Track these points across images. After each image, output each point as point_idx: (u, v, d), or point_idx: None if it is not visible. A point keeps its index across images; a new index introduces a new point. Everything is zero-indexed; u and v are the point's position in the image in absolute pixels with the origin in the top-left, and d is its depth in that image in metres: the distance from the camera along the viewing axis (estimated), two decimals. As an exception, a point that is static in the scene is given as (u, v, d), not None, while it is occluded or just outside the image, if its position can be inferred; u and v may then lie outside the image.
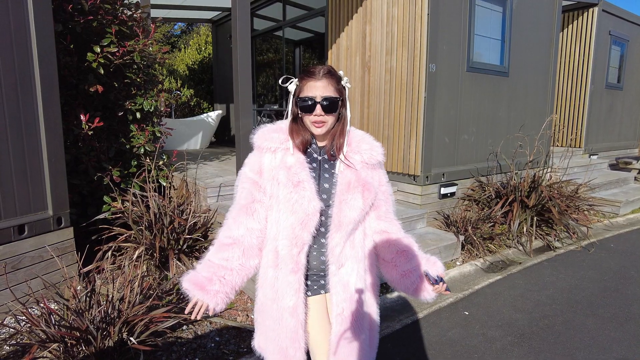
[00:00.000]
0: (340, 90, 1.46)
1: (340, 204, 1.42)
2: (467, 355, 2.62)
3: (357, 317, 1.47)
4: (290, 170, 1.42)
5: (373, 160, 1.49)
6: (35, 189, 3.03)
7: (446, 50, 4.71)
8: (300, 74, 1.48)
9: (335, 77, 1.45)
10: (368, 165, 1.48)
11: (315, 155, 1.51)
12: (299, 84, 1.46)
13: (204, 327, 2.82)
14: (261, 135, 1.49)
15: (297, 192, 1.39)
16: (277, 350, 1.46)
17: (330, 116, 1.43)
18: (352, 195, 1.42)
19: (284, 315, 1.44)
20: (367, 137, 1.54)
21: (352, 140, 1.50)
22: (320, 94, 1.40)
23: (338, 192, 1.44)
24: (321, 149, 1.52)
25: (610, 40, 8.19)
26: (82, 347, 2.24)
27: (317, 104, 1.40)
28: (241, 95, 3.34)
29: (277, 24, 7.59)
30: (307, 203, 1.39)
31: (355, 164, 1.47)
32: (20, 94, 2.90)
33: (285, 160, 1.44)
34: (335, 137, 1.48)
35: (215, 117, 7.91)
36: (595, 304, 3.31)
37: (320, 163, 1.51)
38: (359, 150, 1.48)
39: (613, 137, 9.00)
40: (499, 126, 5.65)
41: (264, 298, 1.51)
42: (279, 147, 1.46)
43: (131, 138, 4.07)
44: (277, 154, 1.46)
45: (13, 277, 2.85)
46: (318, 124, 1.43)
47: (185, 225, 3.48)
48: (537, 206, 4.68)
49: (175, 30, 18.06)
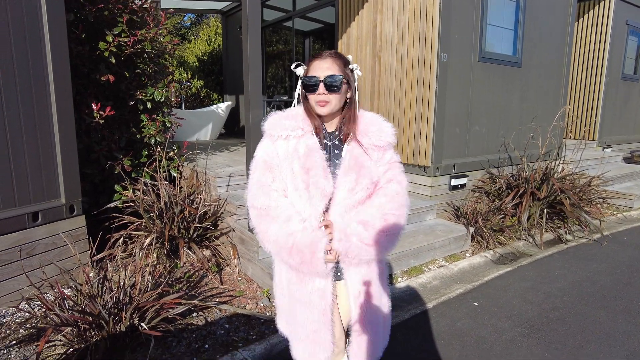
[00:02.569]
0: (347, 72, 1.45)
1: (338, 187, 1.44)
2: (476, 345, 2.61)
3: (373, 300, 1.49)
4: (302, 158, 1.43)
5: (381, 142, 1.48)
6: (48, 178, 3.07)
7: (458, 40, 4.64)
8: (308, 59, 1.51)
9: (341, 59, 1.45)
10: (377, 147, 1.48)
11: (326, 142, 1.52)
12: (306, 67, 1.48)
13: (214, 315, 2.85)
14: (273, 122, 1.49)
15: (310, 177, 1.40)
16: (307, 334, 1.49)
17: (333, 95, 1.42)
18: (348, 177, 1.43)
19: (312, 298, 1.46)
20: (376, 119, 1.53)
21: (361, 123, 1.50)
22: (324, 73, 1.40)
23: (339, 176, 1.45)
24: (331, 134, 1.53)
25: (627, 31, 7.99)
26: (95, 332, 2.28)
27: (320, 83, 1.40)
28: (251, 86, 3.33)
29: (287, 15, 7.54)
30: (321, 188, 1.40)
31: (363, 147, 1.47)
32: (33, 83, 2.93)
33: (298, 148, 1.44)
34: (345, 123, 1.48)
35: (225, 108, 7.92)
36: (607, 297, 3.27)
37: (331, 149, 1.51)
38: (366, 133, 1.48)
39: (628, 129, 8.82)
40: (511, 117, 5.58)
41: (288, 282, 1.53)
42: (291, 134, 1.45)
43: (142, 128, 4.10)
44: (289, 141, 1.46)
45: (28, 263, 2.91)
46: (321, 102, 1.42)
47: (195, 214, 3.51)
48: (548, 198, 4.63)
49: (185, 21, 18.08)
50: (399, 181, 1.51)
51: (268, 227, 1.43)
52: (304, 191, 1.41)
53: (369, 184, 1.44)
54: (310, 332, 1.48)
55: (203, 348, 2.48)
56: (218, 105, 7.88)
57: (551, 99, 6.14)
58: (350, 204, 1.43)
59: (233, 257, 3.52)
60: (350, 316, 1.53)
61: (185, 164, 4.60)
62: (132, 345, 2.40)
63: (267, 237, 1.44)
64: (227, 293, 3.16)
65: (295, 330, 1.55)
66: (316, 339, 1.48)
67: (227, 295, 3.12)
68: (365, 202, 1.46)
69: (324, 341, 1.48)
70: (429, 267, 3.72)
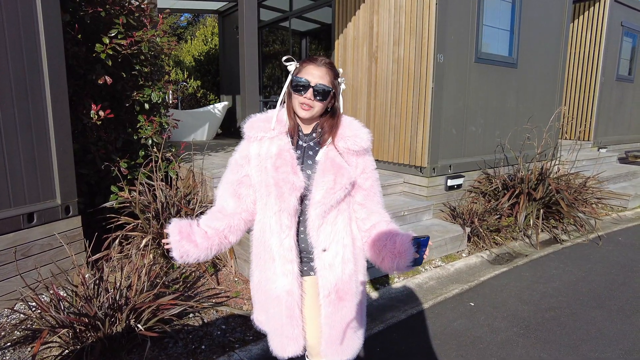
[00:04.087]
0: (336, 85, 1.50)
1: (316, 186, 1.47)
2: (472, 345, 2.62)
3: (344, 300, 1.53)
4: (274, 157, 1.48)
5: (357, 146, 1.51)
6: (44, 178, 3.06)
7: (454, 41, 4.66)
8: (302, 59, 1.52)
9: (333, 71, 1.49)
10: (352, 151, 1.51)
11: (301, 142, 1.56)
12: (298, 66, 1.50)
13: (211, 315, 2.84)
14: (250, 125, 1.55)
15: (279, 173, 1.45)
16: (277, 328, 1.56)
17: (318, 103, 1.46)
18: (326, 178, 1.46)
19: (281, 295, 1.51)
20: (354, 124, 1.56)
21: (338, 127, 1.53)
22: (316, 80, 1.44)
23: (316, 176, 1.48)
24: (307, 135, 1.56)
25: (622, 32, 8.04)
26: (91, 333, 2.28)
27: (310, 87, 1.44)
28: (248, 87, 3.34)
29: (284, 15, 7.54)
30: (290, 182, 1.45)
31: (339, 151, 1.51)
32: (29, 84, 2.92)
33: (270, 149, 1.49)
34: (326, 130, 1.52)
35: (222, 108, 7.91)
36: (602, 296, 3.29)
37: (305, 150, 1.55)
38: (342, 137, 1.51)
39: (623, 130, 8.88)
40: (507, 118, 5.60)
41: (261, 278, 1.60)
42: (265, 135, 1.51)
43: (139, 129, 4.09)
44: (263, 143, 1.52)
45: (23, 264, 2.90)
46: (305, 106, 1.46)
47: (192, 215, 3.50)
48: (544, 199, 4.65)
49: (181, 21, 18.04)
50: (376, 191, 1.59)
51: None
52: (273, 187, 1.46)
53: (347, 184, 1.47)
54: (278, 326, 1.55)
55: (200, 349, 2.48)
56: (215, 106, 7.88)
57: (547, 100, 6.17)
58: (329, 203, 1.46)
59: (230, 258, 3.52)
60: (323, 312, 1.56)
61: (181, 165, 4.60)
62: (129, 347, 2.40)
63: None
64: (223, 294, 3.15)
65: (268, 323, 1.63)
66: (284, 332, 1.54)
67: (223, 296, 3.11)
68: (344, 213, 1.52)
69: (292, 335, 1.54)
70: (426, 268, 3.73)
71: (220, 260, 3.58)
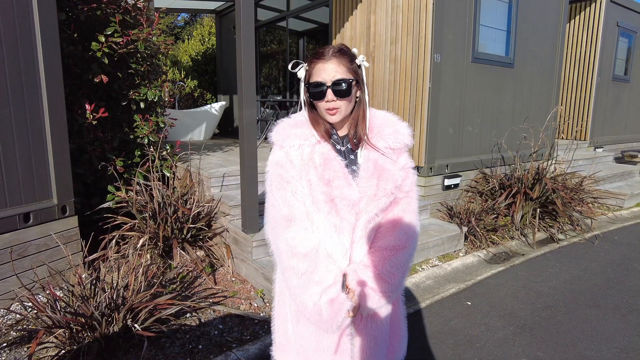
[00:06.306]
0: (355, 70, 1.29)
1: (361, 193, 1.31)
2: (469, 344, 2.63)
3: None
4: (320, 168, 1.28)
5: (399, 144, 1.34)
6: (40, 178, 3.05)
7: (451, 41, 4.67)
8: (309, 57, 1.33)
9: (347, 56, 1.29)
10: (394, 150, 1.34)
11: (339, 147, 1.36)
12: (308, 68, 1.32)
13: (208, 315, 2.84)
14: (281, 132, 1.34)
15: (333, 189, 1.27)
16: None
17: (343, 101, 1.27)
18: (369, 183, 1.30)
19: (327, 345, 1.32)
20: (390, 119, 1.39)
21: (374, 124, 1.36)
22: (331, 78, 1.25)
23: (360, 182, 1.30)
24: (343, 138, 1.37)
25: (618, 32, 8.08)
26: (88, 333, 2.27)
27: (327, 89, 1.25)
28: (245, 86, 3.33)
29: (281, 15, 7.54)
30: (347, 198, 1.27)
31: (381, 151, 1.33)
32: (25, 83, 2.90)
33: (313, 158, 1.30)
34: (358, 124, 1.34)
35: (219, 108, 7.89)
36: (598, 295, 3.30)
37: (346, 154, 1.35)
38: (381, 136, 1.34)
39: (619, 130, 8.92)
40: (504, 118, 5.61)
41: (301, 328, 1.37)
42: (304, 143, 1.31)
43: (135, 128, 4.08)
44: (303, 150, 1.31)
45: (19, 265, 2.88)
46: (331, 110, 1.28)
47: (189, 215, 3.50)
48: (540, 198, 4.66)
49: (178, 21, 17.99)
50: (413, 198, 1.38)
51: (304, 291, 1.26)
52: (324, 204, 1.27)
53: (393, 188, 1.30)
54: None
55: (197, 349, 2.48)
56: (212, 105, 7.86)
57: (543, 99, 6.19)
58: (373, 212, 1.29)
59: (227, 258, 3.51)
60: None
61: (178, 164, 4.59)
62: (126, 347, 2.39)
63: (294, 293, 1.29)
64: (221, 293, 3.15)
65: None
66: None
67: (220, 296, 3.11)
68: (388, 218, 1.35)
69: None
70: (423, 267, 3.74)
71: (218, 260, 3.58)
